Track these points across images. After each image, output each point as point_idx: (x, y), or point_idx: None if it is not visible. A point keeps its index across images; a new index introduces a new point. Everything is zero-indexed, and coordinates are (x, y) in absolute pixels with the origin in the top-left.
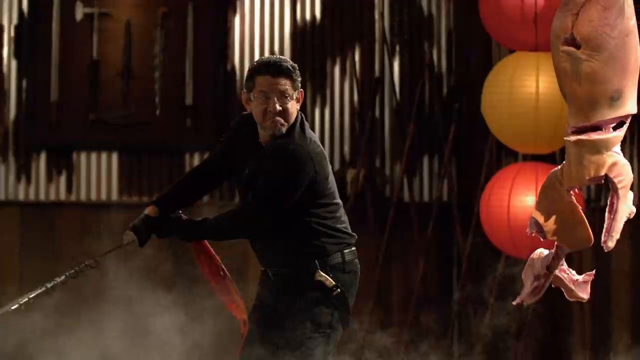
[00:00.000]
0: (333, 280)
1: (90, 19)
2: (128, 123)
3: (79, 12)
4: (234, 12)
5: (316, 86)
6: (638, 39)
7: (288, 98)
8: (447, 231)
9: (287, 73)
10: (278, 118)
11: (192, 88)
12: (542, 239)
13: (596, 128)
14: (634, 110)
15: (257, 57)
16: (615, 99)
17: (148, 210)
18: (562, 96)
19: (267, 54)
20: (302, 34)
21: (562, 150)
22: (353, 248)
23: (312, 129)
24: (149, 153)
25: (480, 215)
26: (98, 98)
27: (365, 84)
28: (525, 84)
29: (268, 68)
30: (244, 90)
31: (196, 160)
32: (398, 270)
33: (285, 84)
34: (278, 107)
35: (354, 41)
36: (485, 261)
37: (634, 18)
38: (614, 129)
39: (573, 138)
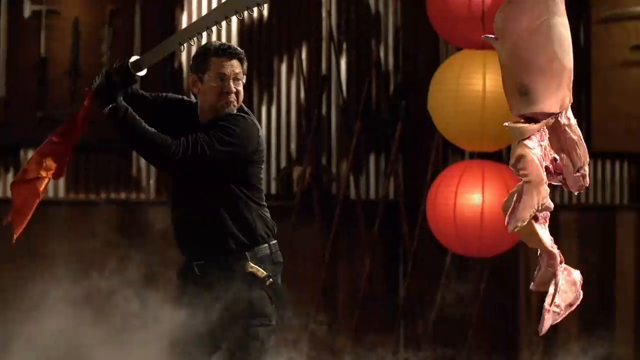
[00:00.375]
0: (264, 271)
1: (38, 17)
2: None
3: (27, 9)
4: (182, 10)
5: (263, 84)
6: (556, 41)
7: (240, 81)
8: (394, 229)
9: (241, 58)
10: (232, 99)
11: (139, 86)
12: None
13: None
14: (550, 110)
15: None
16: (522, 93)
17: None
18: None
19: None
20: (249, 31)
21: (509, 149)
22: (276, 240)
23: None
24: (97, 150)
25: (427, 213)
26: (46, 96)
27: (312, 81)
28: (472, 82)
29: (224, 51)
30: (192, 71)
31: (143, 159)
32: (344, 268)
33: (238, 67)
34: (233, 88)
35: (301, 39)
36: (431, 259)
37: (551, 19)
38: (529, 121)
39: (505, 123)
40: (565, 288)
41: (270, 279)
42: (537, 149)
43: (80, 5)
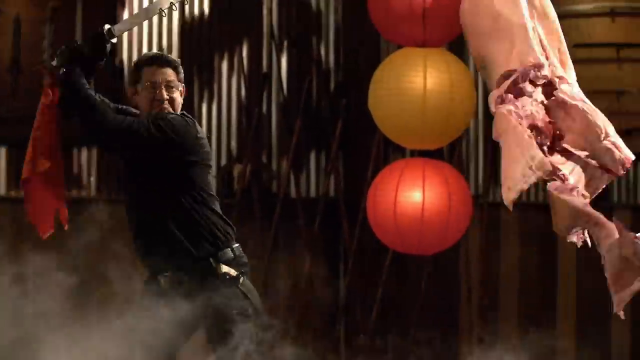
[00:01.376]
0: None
1: None
2: (17, 117)
3: None
4: (123, 7)
5: (204, 81)
6: (503, 3)
7: (174, 88)
8: (334, 227)
9: (172, 64)
10: (166, 106)
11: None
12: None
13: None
14: (509, 67)
15: (145, 52)
16: (482, 67)
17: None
18: None
19: (155, 49)
20: (190, 29)
21: (450, 146)
22: (238, 243)
23: (200, 124)
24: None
25: (367, 211)
26: None
27: (252, 79)
28: (413, 80)
29: (154, 60)
30: (129, 85)
31: (84, 156)
32: (285, 266)
33: (171, 74)
34: (166, 96)
35: (242, 36)
36: (372, 256)
37: None
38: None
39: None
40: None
41: (243, 277)
42: (510, 107)
43: (21, 2)
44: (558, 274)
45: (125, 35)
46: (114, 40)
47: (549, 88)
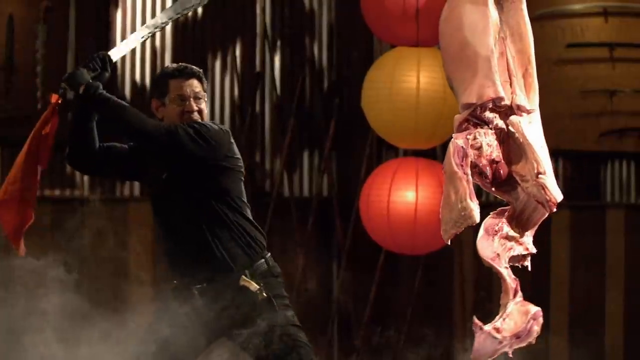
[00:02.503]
0: (262, 284)
1: None
2: (9, 117)
3: None
4: (116, 6)
5: None
6: (467, 27)
7: (201, 99)
8: (327, 226)
9: (197, 75)
10: (195, 117)
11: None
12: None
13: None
14: (467, 100)
15: (138, 51)
16: (450, 86)
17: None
18: None
19: (148, 48)
20: (183, 28)
21: (443, 146)
22: (269, 252)
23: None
24: None
25: (360, 211)
26: None
27: (245, 78)
28: (406, 79)
29: (181, 71)
30: (154, 97)
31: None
32: (278, 265)
33: (197, 85)
34: (195, 107)
35: (235, 36)
36: (365, 256)
37: (462, 6)
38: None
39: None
40: (514, 317)
41: (264, 293)
42: (460, 141)
43: (14, 1)
44: (551, 273)
45: (118, 35)
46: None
47: (511, 111)
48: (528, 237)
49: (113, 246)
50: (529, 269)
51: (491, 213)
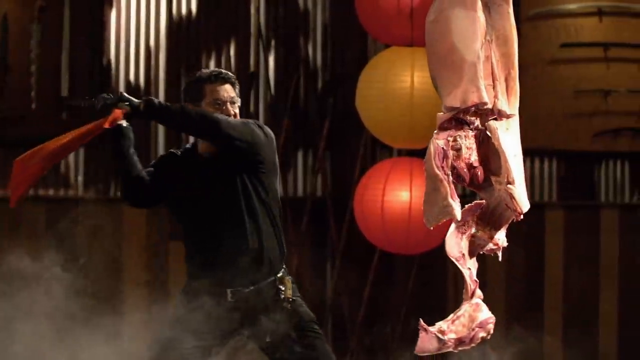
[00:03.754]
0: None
1: None
2: (4, 117)
3: None
4: (110, 6)
5: None
6: (455, 32)
7: (236, 104)
8: (321, 226)
9: (232, 81)
10: None
11: (68, 82)
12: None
13: None
14: (451, 104)
15: (133, 51)
16: (435, 86)
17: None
18: None
19: (143, 48)
20: (177, 28)
21: None
22: None
23: None
24: (25, 147)
25: (355, 210)
26: None
27: (240, 78)
28: (401, 79)
29: (217, 77)
30: (189, 101)
31: (71, 155)
32: None
33: (231, 90)
34: (232, 111)
35: (229, 35)
36: (359, 256)
37: (451, 10)
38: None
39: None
40: (464, 320)
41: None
42: (441, 141)
43: (9, 1)
44: (545, 273)
45: (112, 35)
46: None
47: (492, 113)
48: (500, 233)
49: (107, 246)
50: (500, 259)
51: (466, 206)
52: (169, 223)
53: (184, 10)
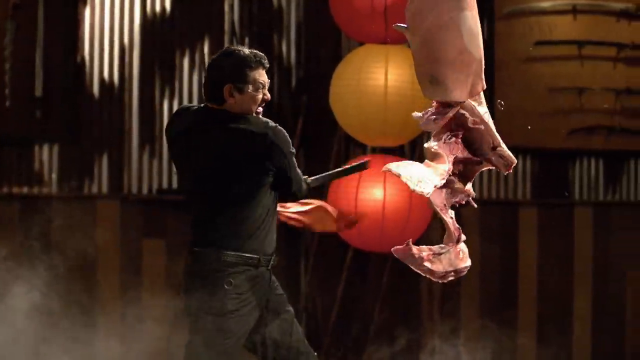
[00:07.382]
0: None
1: None
2: None
3: None
4: (84, 4)
5: (165, 78)
6: (466, 35)
7: (267, 89)
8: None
9: (266, 66)
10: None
11: (42, 80)
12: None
13: None
14: (460, 98)
15: (107, 49)
16: (433, 82)
17: None
18: None
19: (117, 45)
20: (151, 25)
21: (411, 144)
22: None
23: (161, 121)
24: None
25: None
26: None
27: None
28: (374, 77)
29: (260, 61)
30: (229, 83)
31: (45, 152)
32: None
33: (266, 75)
34: (268, 96)
35: (203, 33)
36: (332, 254)
37: (460, 14)
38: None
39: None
40: (444, 260)
41: None
42: (434, 143)
43: None
44: (519, 271)
45: (86, 33)
46: None
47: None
48: (469, 184)
49: (80, 243)
50: (474, 205)
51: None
52: (143, 221)
53: (157, 8)
